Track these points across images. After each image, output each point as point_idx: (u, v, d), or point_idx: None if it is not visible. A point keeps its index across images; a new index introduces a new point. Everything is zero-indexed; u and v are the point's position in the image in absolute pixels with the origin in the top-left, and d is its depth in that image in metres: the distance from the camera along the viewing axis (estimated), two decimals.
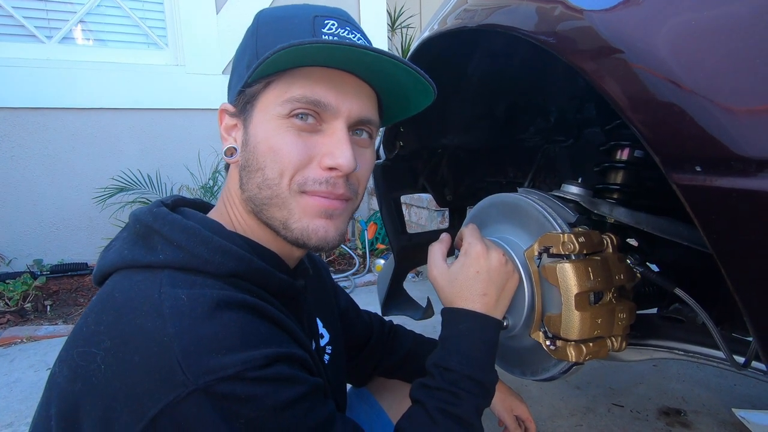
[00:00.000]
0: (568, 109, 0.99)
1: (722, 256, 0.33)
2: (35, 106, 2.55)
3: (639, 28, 0.38)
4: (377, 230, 3.03)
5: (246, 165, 0.53)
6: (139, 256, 0.49)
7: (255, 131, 0.52)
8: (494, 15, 0.56)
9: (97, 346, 0.43)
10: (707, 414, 1.33)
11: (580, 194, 0.73)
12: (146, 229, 0.50)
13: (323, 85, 0.50)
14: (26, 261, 2.56)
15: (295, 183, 0.51)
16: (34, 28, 2.59)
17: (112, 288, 0.48)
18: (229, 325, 0.43)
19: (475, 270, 0.62)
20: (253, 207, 0.53)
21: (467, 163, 1.19)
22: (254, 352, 0.42)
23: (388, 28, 4.07)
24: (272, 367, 0.43)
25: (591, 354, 0.62)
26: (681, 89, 0.34)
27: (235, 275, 0.49)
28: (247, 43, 0.54)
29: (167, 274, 0.46)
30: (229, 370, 0.40)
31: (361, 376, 0.89)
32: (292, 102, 0.50)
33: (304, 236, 0.52)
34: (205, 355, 0.41)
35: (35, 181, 2.59)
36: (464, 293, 0.61)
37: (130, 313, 0.44)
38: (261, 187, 0.52)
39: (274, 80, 0.51)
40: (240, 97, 0.53)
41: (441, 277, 0.65)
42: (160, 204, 0.53)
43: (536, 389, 1.46)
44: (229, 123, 0.55)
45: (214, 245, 0.48)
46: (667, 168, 0.35)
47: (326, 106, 0.50)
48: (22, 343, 1.97)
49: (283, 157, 0.50)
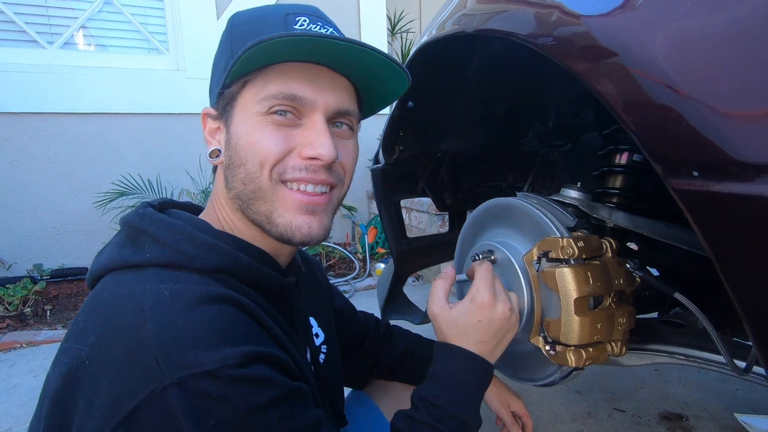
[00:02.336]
0: (567, 113, 0.99)
1: (720, 260, 0.33)
2: (36, 111, 2.56)
3: (635, 33, 0.38)
4: (377, 234, 3.03)
5: (230, 163, 0.54)
6: (127, 256, 0.49)
7: (236, 129, 0.53)
8: (492, 20, 0.56)
9: (84, 342, 0.44)
10: (709, 419, 1.32)
11: (579, 198, 0.73)
12: (134, 230, 0.51)
13: (299, 80, 0.51)
14: (26, 265, 2.56)
15: (275, 172, 0.52)
16: (36, 33, 2.61)
17: (102, 288, 0.49)
18: (209, 321, 0.43)
19: (477, 318, 0.61)
20: (240, 204, 0.54)
21: (467, 167, 1.19)
22: (232, 349, 0.42)
23: (388, 32, 4.08)
24: (249, 367, 0.42)
25: (591, 359, 0.61)
26: (677, 94, 0.34)
27: (221, 270, 0.49)
28: (222, 46, 0.55)
29: (153, 271, 0.47)
30: (205, 366, 0.40)
31: (359, 378, 0.88)
32: (270, 99, 0.51)
33: (288, 232, 0.53)
34: (183, 350, 0.41)
35: (36, 186, 2.60)
36: (461, 337, 0.61)
37: (114, 309, 0.44)
38: (245, 181, 0.53)
39: (250, 79, 0.52)
40: (220, 100, 0.54)
41: (441, 316, 0.64)
42: (147, 205, 0.54)
43: (537, 394, 1.46)
44: (213, 126, 0.56)
45: (199, 241, 0.49)
46: (664, 173, 0.35)
47: (302, 99, 0.51)
48: (21, 348, 1.96)
49: (263, 149, 0.51)
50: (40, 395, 0.49)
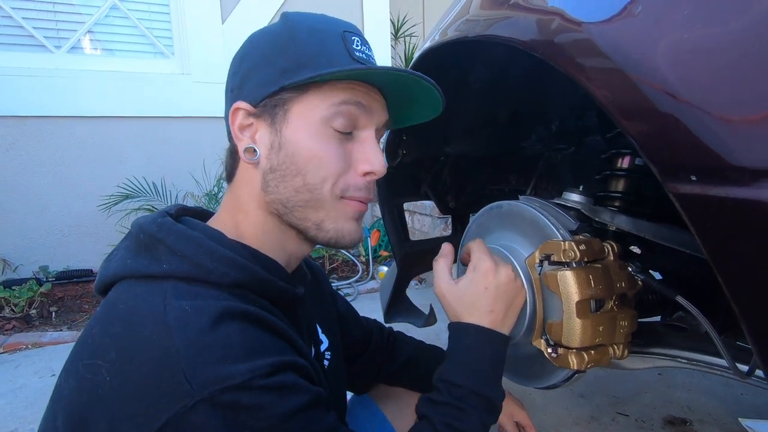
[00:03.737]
0: (569, 117, 1.00)
1: (718, 264, 0.33)
2: (43, 114, 2.59)
3: (635, 39, 0.39)
4: (380, 237, 3.03)
5: (277, 168, 0.53)
6: (142, 266, 0.49)
7: (294, 137, 0.53)
8: (494, 26, 0.57)
9: (103, 357, 0.44)
10: (713, 423, 1.32)
11: (581, 202, 0.73)
12: (150, 239, 0.51)
13: (361, 94, 0.54)
14: (32, 267, 2.58)
15: (337, 188, 0.54)
16: (44, 38, 2.64)
17: (116, 299, 0.48)
18: (233, 335, 0.43)
19: (483, 286, 0.62)
20: (281, 208, 0.54)
21: (470, 170, 1.20)
22: (259, 361, 0.42)
23: (392, 36, 4.10)
24: (277, 375, 0.43)
25: (593, 362, 0.62)
26: (675, 99, 0.35)
27: (238, 285, 0.49)
28: (281, 46, 0.54)
29: (171, 285, 0.47)
30: (235, 380, 0.41)
31: (362, 384, 0.88)
32: (337, 105, 0.53)
33: (338, 236, 0.55)
34: (211, 365, 0.41)
35: (42, 189, 2.62)
36: (472, 309, 0.62)
37: (135, 325, 0.44)
38: (299, 190, 0.53)
39: (312, 88, 0.52)
40: (268, 99, 0.53)
41: (449, 292, 0.64)
42: (165, 214, 0.54)
43: (540, 398, 1.45)
44: (244, 123, 0.54)
45: (217, 255, 0.49)
46: (663, 177, 0.35)
47: (366, 108, 0.54)
48: (27, 350, 1.98)
49: (328, 165, 0.53)
50: (49, 405, 0.49)
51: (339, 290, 2.66)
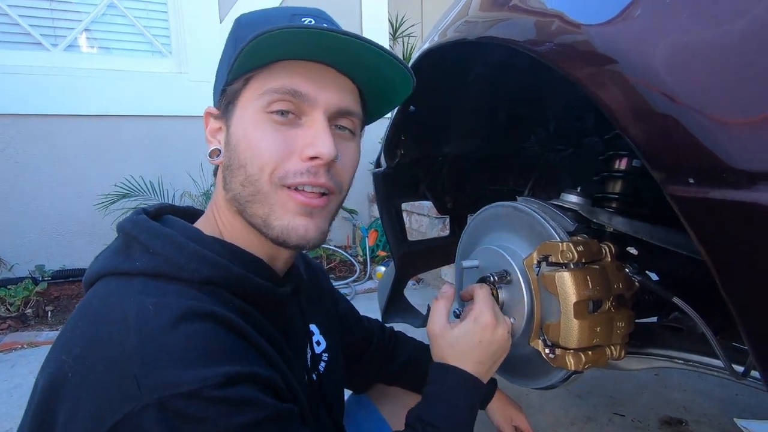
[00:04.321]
0: (568, 118, 1.00)
1: (716, 266, 0.33)
2: (40, 113, 2.57)
3: (634, 41, 0.39)
4: (378, 237, 3.03)
5: (229, 164, 0.53)
6: (118, 263, 0.49)
7: (235, 129, 0.52)
8: (494, 28, 0.57)
9: (68, 353, 0.43)
10: (709, 424, 1.32)
11: (578, 203, 0.74)
12: (126, 237, 0.51)
13: (301, 77, 0.50)
14: (28, 266, 2.57)
15: (276, 176, 0.50)
16: (40, 36, 2.63)
17: (92, 296, 0.48)
18: (192, 338, 0.42)
19: (478, 339, 0.63)
20: (237, 206, 0.53)
21: (468, 171, 1.20)
22: (214, 369, 0.40)
23: (390, 37, 4.10)
24: (231, 387, 0.41)
25: (590, 362, 0.62)
26: (674, 102, 0.35)
27: (211, 282, 0.48)
28: (227, 46, 0.55)
29: (140, 282, 0.46)
30: (185, 387, 0.39)
31: (362, 383, 0.89)
32: (270, 93, 0.49)
33: (284, 234, 0.51)
34: (163, 368, 0.39)
35: (39, 187, 2.61)
36: (461, 356, 0.62)
37: (100, 321, 0.44)
38: (243, 184, 0.51)
39: (253, 76, 0.51)
40: (222, 98, 0.54)
41: (442, 336, 0.64)
42: (141, 211, 0.54)
43: (537, 398, 1.46)
44: (214, 126, 0.56)
45: (189, 252, 0.48)
46: (661, 179, 0.36)
47: (304, 96, 0.50)
48: (22, 349, 1.97)
49: (263, 151, 0.50)
50: (28, 402, 0.49)
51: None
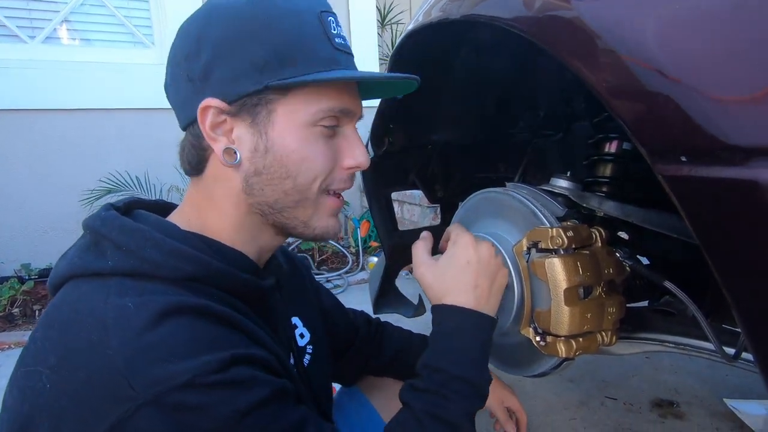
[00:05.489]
0: (557, 102, 0.98)
1: (708, 247, 0.32)
2: (19, 107, 2.50)
3: (623, 16, 0.37)
4: (370, 228, 3.02)
5: (263, 171, 0.51)
6: (88, 263, 0.46)
7: (283, 140, 0.50)
8: (478, 6, 0.55)
9: (43, 363, 0.41)
10: (699, 405, 1.34)
11: (568, 188, 0.73)
12: (95, 235, 0.48)
13: (347, 96, 0.53)
14: (14, 265, 2.52)
15: (324, 185, 0.54)
16: (16, 27, 2.54)
17: (61, 300, 0.46)
18: (178, 332, 0.40)
19: (465, 260, 0.60)
20: (267, 209, 0.52)
21: (457, 158, 1.18)
22: (207, 356, 0.39)
23: (378, 24, 4.04)
24: (228, 370, 0.40)
25: (581, 349, 0.61)
26: (666, 78, 0.33)
27: (192, 279, 0.46)
28: (253, 32, 0.48)
29: (116, 282, 0.44)
30: (179, 378, 0.38)
31: (351, 376, 0.88)
32: (326, 111, 0.51)
33: (323, 234, 0.56)
34: (152, 365, 0.38)
35: (21, 184, 2.55)
36: (454, 287, 0.59)
37: (75, 327, 0.42)
38: (289, 193, 0.52)
39: (295, 88, 0.49)
40: (244, 97, 0.48)
41: (429, 272, 0.62)
42: (110, 207, 0.51)
43: (530, 384, 1.46)
44: (217, 120, 0.49)
45: (166, 248, 0.46)
46: (652, 159, 0.34)
47: (348, 112, 0.54)
48: (9, 349, 1.94)
49: (318, 166, 0.52)
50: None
51: (329, 281, 2.65)
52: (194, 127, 0.51)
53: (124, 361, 0.38)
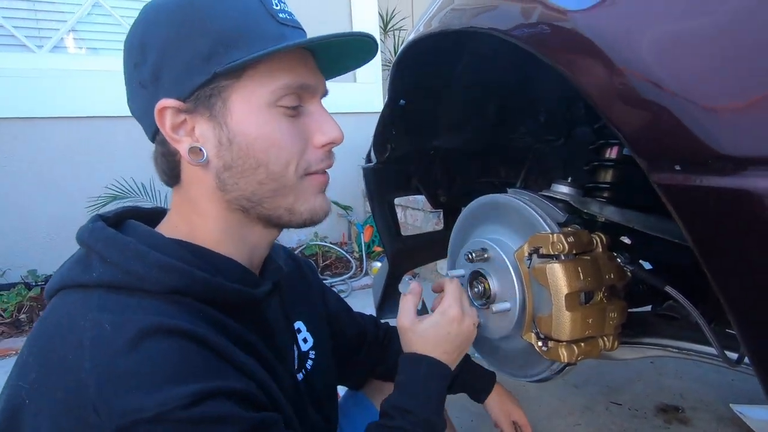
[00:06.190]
0: (558, 108, 0.99)
1: (703, 254, 0.33)
2: (27, 116, 2.54)
3: (618, 27, 0.38)
4: (373, 233, 3.03)
5: (232, 165, 0.49)
6: (75, 275, 0.46)
7: (244, 127, 0.48)
8: (478, 18, 0.56)
9: (25, 378, 0.41)
10: (705, 410, 1.33)
11: (569, 194, 0.73)
12: (84, 247, 0.48)
13: (303, 68, 0.51)
14: (20, 272, 2.54)
15: (301, 168, 0.52)
16: (25, 37, 2.58)
17: (49, 312, 0.46)
18: (154, 358, 0.39)
19: (447, 331, 0.66)
20: (246, 203, 0.51)
21: (459, 164, 1.19)
22: (180, 388, 0.38)
23: (381, 30, 4.07)
24: (200, 405, 0.38)
25: (583, 354, 0.62)
26: (658, 88, 0.34)
27: (176, 291, 0.45)
28: (192, 23, 0.47)
29: (98, 296, 0.43)
30: (149, 411, 0.36)
31: (357, 380, 0.88)
32: (283, 89, 0.49)
33: (312, 215, 0.54)
34: (122, 393, 0.37)
35: (28, 191, 2.58)
36: (430, 348, 0.65)
37: (55, 342, 0.41)
38: (264, 182, 0.50)
39: (248, 69, 0.47)
40: (196, 91, 0.47)
41: (411, 329, 0.67)
42: (98, 218, 0.51)
43: (534, 389, 1.46)
44: (176, 121, 0.48)
45: (150, 260, 0.45)
46: (647, 167, 0.35)
47: (309, 87, 0.52)
48: (16, 355, 1.95)
49: (287, 148, 0.50)
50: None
51: (333, 287, 2.66)
52: (160, 135, 0.50)
53: (95, 386, 0.37)
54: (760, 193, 0.28)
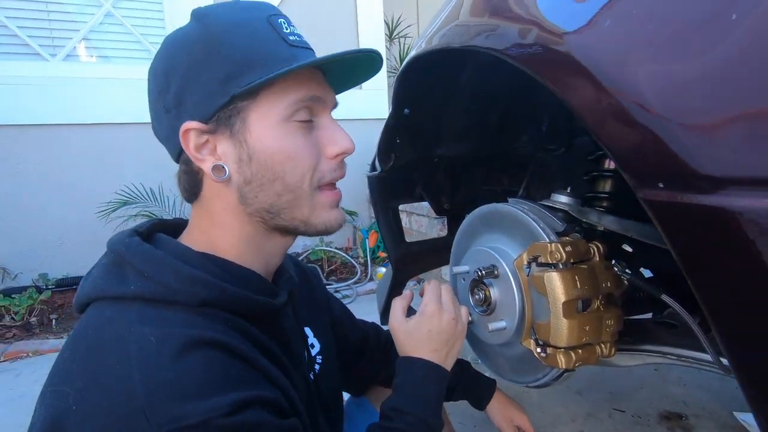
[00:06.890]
0: (559, 118, 1.01)
1: (686, 267, 0.34)
2: (40, 122, 2.60)
3: (608, 52, 0.40)
4: (378, 238, 3.05)
5: (252, 179, 0.53)
6: (111, 286, 0.49)
7: (262, 143, 0.52)
8: (477, 38, 0.58)
9: (70, 385, 0.44)
10: (708, 417, 1.33)
11: (569, 203, 0.75)
12: (119, 259, 0.51)
13: (313, 83, 0.55)
14: (32, 275, 2.59)
15: (315, 180, 0.55)
16: (39, 46, 2.65)
17: (87, 322, 0.49)
18: (195, 369, 0.43)
19: (427, 329, 0.68)
20: (266, 215, 0.55)
21: (463, 172, 1.21)
22: (220, 398, 0.42)
23: (386, 38, 4.11)
24: (238, 414, 0.42)
25: (580, 360, 0.63)
26: (644, 109, 0.36)
27: (207, 304, 0.48)
28: (210, 51, 0.50)
29: (137, 310, 0.47)
30: (194, 419, 0.40)
31: (360, 386, 0.90)
32: (295, 103, 0.52)
33: (327, 227, 0.57)
34: (170, 402, 0.40)
35: (40, 196, 2.63)
36: (418, 347, 0.68)
37: (101, 352, 0.44)
38: (281, 194, 0.53)
39: (263, 89, 0.51)
40: (218, 113, 0.51)
41: (399, 329, 0.70)
42: (134, 233, 0.54)
43: (537, 395, 1.47)
44: (199, 141, 0.52)
45: (183, 275, 0.48)
46: (635, 184, 0.37)
47: (319, 100, 0.55)
48: (27, 358, 1.99)
49: (302, 160, 0.53)
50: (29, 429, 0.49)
51: (337, 292, 2.68)
52: (184, 155, 0.54)
53: (144, 396, 0.40)
54: (738, 212, 0.30)
